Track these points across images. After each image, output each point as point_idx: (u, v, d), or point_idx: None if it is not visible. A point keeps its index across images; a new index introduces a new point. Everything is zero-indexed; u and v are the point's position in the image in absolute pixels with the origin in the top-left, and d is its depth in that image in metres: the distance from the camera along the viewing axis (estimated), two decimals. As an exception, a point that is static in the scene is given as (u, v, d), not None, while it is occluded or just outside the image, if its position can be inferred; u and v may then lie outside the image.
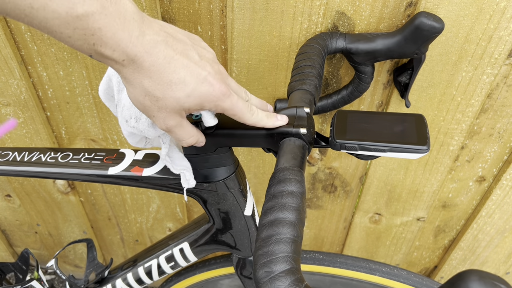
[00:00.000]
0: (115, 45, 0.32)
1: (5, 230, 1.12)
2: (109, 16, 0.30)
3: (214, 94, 0.37)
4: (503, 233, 0.84)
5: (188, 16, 0.59)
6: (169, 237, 0.64)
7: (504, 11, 0.51)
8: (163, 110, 0.36)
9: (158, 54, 0.34)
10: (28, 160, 0.56)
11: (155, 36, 0.34)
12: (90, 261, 0.72)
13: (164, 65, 0.34)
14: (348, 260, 0.71)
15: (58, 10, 0.28)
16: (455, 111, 0.64)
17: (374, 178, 0.77)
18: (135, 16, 0.32)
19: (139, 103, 0.36)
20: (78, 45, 0.31)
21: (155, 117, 0.37)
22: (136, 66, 0.33)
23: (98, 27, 0.30)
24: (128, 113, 0.41)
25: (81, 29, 0.30)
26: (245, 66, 0.62)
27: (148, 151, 0.56)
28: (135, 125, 0.42)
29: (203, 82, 0.36)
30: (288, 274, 0.29)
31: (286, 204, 0.34)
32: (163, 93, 0.35)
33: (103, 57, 0.32)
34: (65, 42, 0.31)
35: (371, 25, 0.55)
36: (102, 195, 0.94)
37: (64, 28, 0.30)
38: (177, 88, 0.35)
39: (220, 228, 0.57)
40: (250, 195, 0.56)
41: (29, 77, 0.72)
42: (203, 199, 0.53)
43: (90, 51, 0.32)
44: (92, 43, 0.31)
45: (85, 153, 0.56)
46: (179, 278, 0.77)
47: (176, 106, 0.36)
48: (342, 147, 0.42)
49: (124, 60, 0.33)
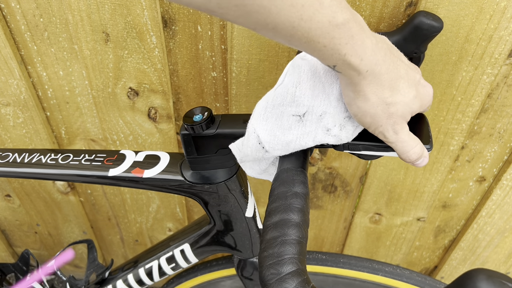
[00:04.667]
0: (363, 54, 0.32)
1: (5, 230, 1.12)
2: (358, 24, 0.32)
3: (430, 94, 0.40)
4: (503, 233, 0.84)
5: (188, 16, 0.59)
6: (170, 238, 0.64)
7: (504, 11, 0.51)
8: (394, 116, 0.37)
9: (389, 61, 0.35)
10: (29, 162, 0.56)
11: (382, 43, 0.35)
12: (91, 262, 0.72)
13: (394, 71, 0.35)
14: (351, 260, 0.70)
15: (322, 20, 0.29)
16: (455, 111, 0.64)
17: (374, 178, 0.77)
18: (366, 25, 0.34)
19: (370, 115, 0.37)
20: (327, 55, 0.32)
21: (382, 126, 0.37)
22: (374, 76, 0.34)
23: (351, 35, 0.31)
24: (332, 121, 0.39)
25: (338, 38, 0.31)
26: (245, 66, 0.62)
27: (149, 152, 0.56)
28: (337, 133, 0.39)
29: (419, 85, 0.39)
30: (295, 275, 0.29)
31: (291, 205, 0.34)
32: (394, 99, 0.36)
33: (350, 67, 0.33)
34: (316, 52, 0.32)
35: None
36: (102, 195, 0.94)
37: (323, 38, 0.30)
38: (405, 92, 0.37)
39: (221, 229, 0.56)
40: (251, 197, 0.56)
41: (29, 77, 0.72)
42: (204, 200, 0.53)
43: (338, 62, 0.32)
44: (343, 53, 0.32)
45: (86, 154, 0.56)
46: (180, 280, 0.77)
47: (405, 109, 0.37)
48: (345, 147, 0.41)
49: (368, 71, 0.33)
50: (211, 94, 0.69)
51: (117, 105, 0.73)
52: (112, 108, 0.73)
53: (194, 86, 0.68)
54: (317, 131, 0.39)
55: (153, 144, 0.79)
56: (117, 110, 0.74)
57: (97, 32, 0.62)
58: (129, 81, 0.68)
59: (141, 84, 0.68)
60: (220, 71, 0.65)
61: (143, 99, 0.71)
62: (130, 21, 0.60)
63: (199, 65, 0.65)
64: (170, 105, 0.71)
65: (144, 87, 0.69)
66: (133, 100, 0.71)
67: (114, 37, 0.63)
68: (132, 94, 0.70)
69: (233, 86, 0.65)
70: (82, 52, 0.66)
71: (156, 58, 0.64)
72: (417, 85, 0.38)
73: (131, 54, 0.64)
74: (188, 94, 0.70)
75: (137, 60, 0.65)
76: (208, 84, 0.67)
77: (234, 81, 0.64)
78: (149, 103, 0.71)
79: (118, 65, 0.66)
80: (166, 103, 0.71)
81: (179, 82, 0.68)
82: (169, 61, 0.65)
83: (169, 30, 0.61)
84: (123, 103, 0.72)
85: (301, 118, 0.39)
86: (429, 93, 0.40)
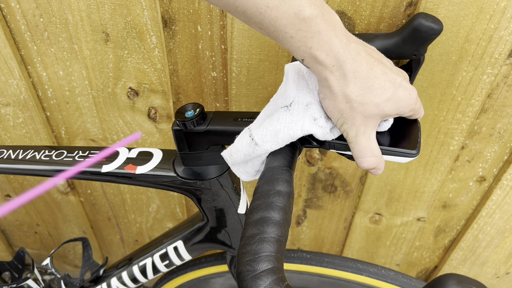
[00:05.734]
0: (328, 50, 0.34)
1: (5, 230, 1.12)
2: (326, 22, 0.33)
3: (411, 98, 0.39)
4: (504, 233, 0.84)
5: (188, 16, 0.59)
6: (164, 235, 0.64)
7: (504, 11, 0.51)
8: (360, 116, 0.37)
9: (362, 60, 0.36)
10: (23, 158, 0.57)
11: (357, 44, 0.36)
12: (86, 260, 0.73)
13: (367, 71, 0.36)
14: (335, 260, 0.71)
15: (288, 11, 0.32)
16: (455, 111, 0.64)
17: (374, 178, 0.77)
18: (341, 26, 0.35)
19: (337, 110, 0.37)
20: (295, 47, 0.34)
21: (347, 124, 0.38)
22: (342, 73, 0.35)
23: (318, 30, 0.33)
24: (318, 112, 0.40)
25: (304, 30, 0.33)
26: (245, 66, 0.62)
27: (142, 149, 0.56)
28: (323, 124, 0.40)
29: (399, 87, 0.38)
30: (270, 273, 0.29)
31: (273, 204, 0.34)
32: (364, 99, 0.37)
33: (316, 61, 0.35)
34: (285, 42, 0.34)
35: (371, 25, 0.55)
36: (102, 195, 0.94)
37: (290, 28, 0.33)
38: (378, 93, 0.37)
39: (214, 226, 0.57)
40: (244, 193, 0.56)
41: (29, 77, 0.72)
42: (196, 196, 0.53)
43: (305, 54, 0.34)
44: (309, 46, 0.34)
45: (79, 151, 0.56)
46: (172, 276, 0.77)
47: (375, 111, 0.37)
48: (331, 146, 0.42)
49: (334, 66, 0.35)
50: (211, 94, 0.69)
51: (117, 105, 0.73)
52: (112, 108, 0.73)
53: (194, 86, 0.68)
54: (304, 120, 0.39)
55: (153, 144, 0.79)
56: (117, 110, 0.74)
57: (97, 32, 0.62)
58: (129, 81, 0.68)
59: (141, 84, 0.68)
60: (220, 71, 0.65)
61: (143, 99, 0.71)
62: (130, 21, 0.60)
63: (199, 65, 0.65)
64: (170, 105, 0.71)
65: (144, 87, 0.69)
66: (133, 100, 0.71)
67: (114, 37, 0.63)
68: (132, 94, 0.70)
69: (233, 86, 0.65)
70: (82, 52, 0.66)
71: (156, 58, 0.64)
72: (396, 88, 0.38)
73: (131, 54, 0.64)
74: (188, 94, 0.70)
75: (137, 60, 0.65)
76: (208, 84, 0.67)
77: (234, 81, 0.65)
78: (149, 103, 0.71)
79: (118, 65, 0.66)
80: (166, 103, 0.71)
81: (179, 82, 0.68)
82: (169, 61, 0.65)
83: (169, 30, 0.61)
84: (123, 103, 0.72)
85: (288, 107, 0.40)
86: (411, 96, 0.39)
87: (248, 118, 0.47)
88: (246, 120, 0.46)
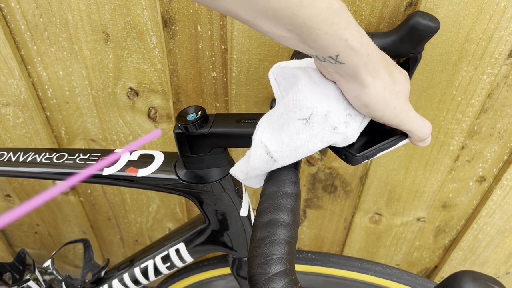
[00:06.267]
0: (361, 38, 0.33)
1: (5, 230, 1.12)
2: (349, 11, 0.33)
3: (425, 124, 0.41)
4: (504, 233, 0.84)
5: (188, 16, 0.59)
6: (165, 237, 0.64)
7: (504, 11, 0.51)
8: (401, 96, 0.38)
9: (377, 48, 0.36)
10: (23, 161, 0.56)
11: None
12: (87, 261, 0.72)
13: (384, 57, 0.38)
14: (341, 260, 0.70)
15: (321, 6, 0.30)
16: (455, 111, 0.64)
17: (374, 178, 0.77)
18: None
19: (381, 99, 0.37)
20: (329, 43, 0.32)
21: (396, 108, 0.38)
22: (373, 61, 0.35)
23: (349, 20, 0.32)
24: (337, 119, 0.39)
25: (337, 23, 0.31)
26: (245, 66, 0.62)
27: (143, 151, 0.56)
28: (343, 131, 0.39)
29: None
30: (282, 275, 0.29)
31: (281, 205, 0.34)
32: (394, 79, 0.38)
33: (353, 53, 0.33)
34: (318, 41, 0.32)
35: (371, 25, 0.55)
36: (102, 195, 0.94)
37: (323, 24, 0.31)
38: (398, 75, 0.39)
39: (216, 228, 0.56)
40: (246, 196, 0.56)
41: (29, 77, 0.72)
42: (198, 199, 0.53)
43: (340, 48, 0.33)
44: (345, 39, 0.32)
45: (80, 153, 0.56)
46: (173, 279, 0.77)
47: (405, 89, 0.39)
48: (364, 158, 0.40)
49: (369, 55, 0.34)
50: (211, 94, 0.69)
51: (117, 105, 0.73)
52: (112, 108, 0.73)
53: (194, 86, 0.68)
54: (324, 132, 0.38)
55: (153, 144, 0.79)
56: (117, 110, 0.74)
57: (97, 32, 0.62)
58: (129, 81, 0.68)
59: (141, 84, 0.68)
60: (220, 71, 0.65)
61: (143, 99, 0.71)
62: (130, 21, 0.60)
63: (199, 65, 0.65)
64: (170, 105, 0.71)
65: (144, 87, 0.69)
66: (133, 100, 0.71)
67: (114, 37, 0.63)
68: (132, 94, 0.70)
69: (233, 86, 0.65)
70: (82, 52, 0.66)
71: (156, 58, 0.64)
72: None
73: (131, 54, 0.64)
74: (188, 94, 0.70)
75: (137, 60, 0.65)
76: (208, 84, 0.67)
77: (234, 81, 0.64)
78: (149, 103, 0.71)
79: (118, 65, 0.66)
80: (166, 103, 0.71)
81: (179, 82, 0.68)
82: (169, 61, 0.65)
83: (169, 30, 0.61)
84: (123, 103, 0.72)
85: (307, 121, 0.38)
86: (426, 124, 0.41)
87: (250, 120, 0.46)
88: (249, 122, 0.46)
